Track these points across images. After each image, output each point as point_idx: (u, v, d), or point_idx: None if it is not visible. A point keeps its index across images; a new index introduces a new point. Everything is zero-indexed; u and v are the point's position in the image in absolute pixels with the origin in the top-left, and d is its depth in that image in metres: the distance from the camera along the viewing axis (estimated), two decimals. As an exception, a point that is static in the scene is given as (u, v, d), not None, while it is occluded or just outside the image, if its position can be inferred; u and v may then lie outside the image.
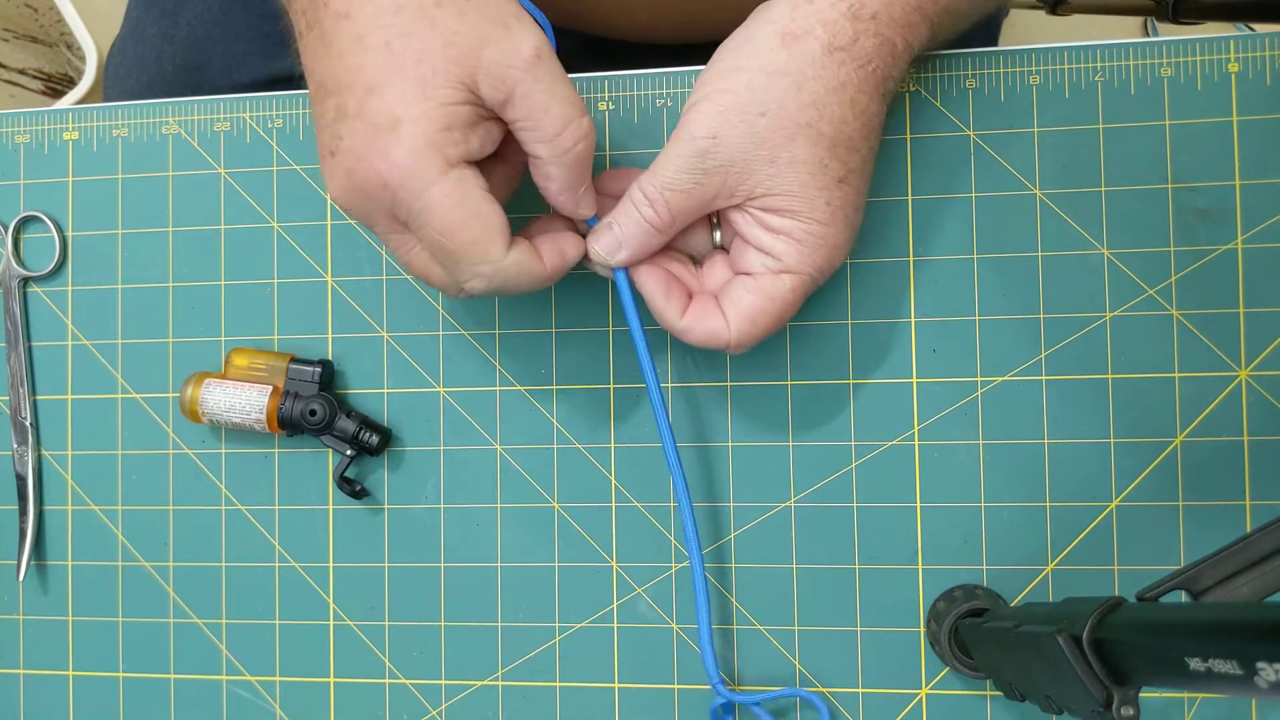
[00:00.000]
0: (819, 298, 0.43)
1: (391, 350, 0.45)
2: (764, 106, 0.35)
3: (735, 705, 0.42)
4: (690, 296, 0.39)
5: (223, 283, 0.47)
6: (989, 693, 0.42)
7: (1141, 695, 0.30)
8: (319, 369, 0.44)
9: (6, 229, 0.47)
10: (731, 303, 0.37)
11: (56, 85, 1.20)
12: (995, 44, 0.61)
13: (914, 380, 0.43)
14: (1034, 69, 0.42)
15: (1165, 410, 0.41)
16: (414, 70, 0.33)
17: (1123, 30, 1.16)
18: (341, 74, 0.33)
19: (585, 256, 0.39)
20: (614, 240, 0.38)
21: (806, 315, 0.43)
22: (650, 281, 0.38)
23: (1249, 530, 0.35)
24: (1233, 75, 0.41)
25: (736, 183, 0.36)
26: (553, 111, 0.34)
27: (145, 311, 0.47)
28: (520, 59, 0.33)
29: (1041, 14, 0.58)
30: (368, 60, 0.33)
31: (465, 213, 0.34)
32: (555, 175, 0.36)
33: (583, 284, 0.44)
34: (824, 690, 0.43)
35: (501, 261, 0.35)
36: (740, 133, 0.35)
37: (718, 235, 0.40)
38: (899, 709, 0.42)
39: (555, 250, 0.37)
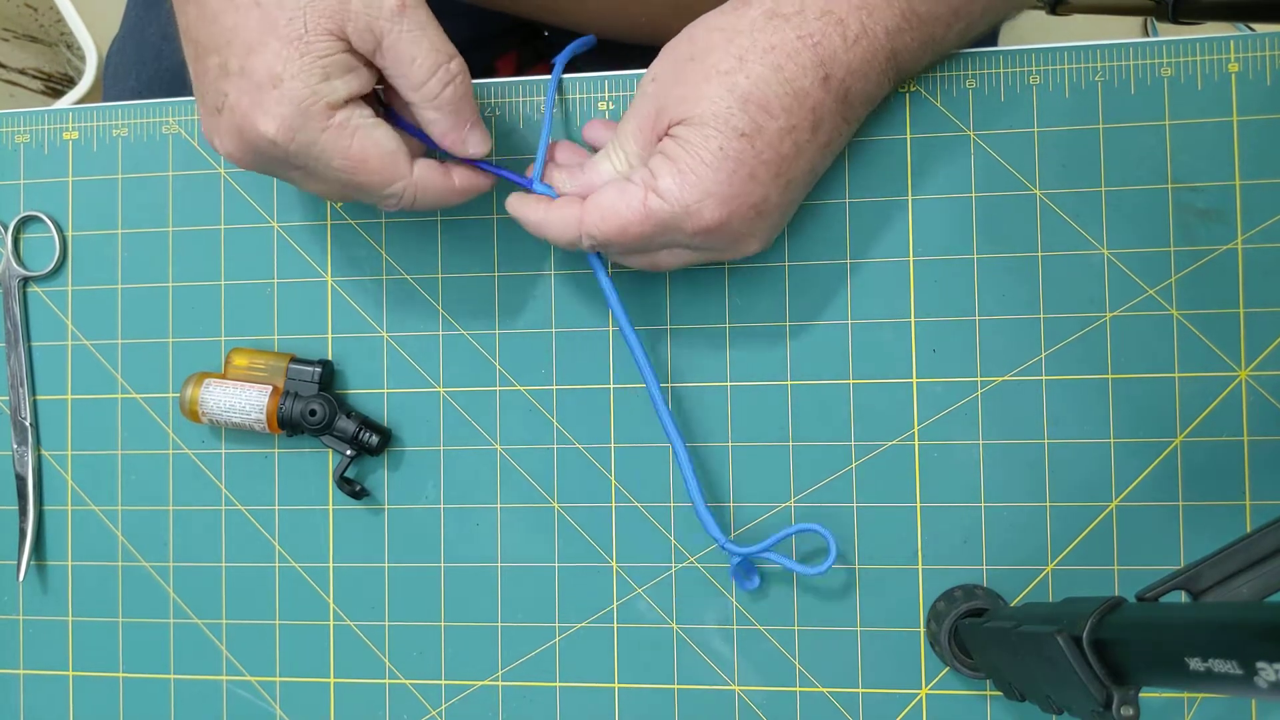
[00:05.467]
0: (819, 297, 0.43)
1: (391, 350, 0.45)
2: (694, 53, 0.37)
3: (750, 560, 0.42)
4: None
5: (223, 283, 0.46)
6: (989, 693, 0.42)
7: (1141, 695, 0.30)
8: (319, 369, 0.44)
9: (6, 229, 0.47)
10: (595, 195, 0.38)
11: (56, 85, 1.20)
12: (995, 44, 0.61)
13: (914, 380, 0.43)
14: (1034, 69, 0.42)
15: (1165, 410, 0.41)
16: (286, 28, 0.34)
17: (1123, 30, 1.16)
18: (219, 34, 0.35)
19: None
20: (580, 182, 0.39)
21: (807, 315, 0.43)
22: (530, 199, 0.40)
23: (1249, 530, 0.35)
24: (1233, 75, 0.41)
25: (664, 121, 0.37)
26: (419, 60, 0.36)
27: (145, 311, 0.47)
28: (386, 9, 0.35)
29: (1041, 14, 0.58)
30: (241, 20, 0.34)
31: (362, 147, 0.36)
32: (433, 119, 0.37)
33: (583, 284, 0.44)
34: (825, 690, 0.43)
35: (409, 178, 0.37)
36: (670, 74, 0.37)
37: None
38: (899, 709, 0.42)
39: (465, 170, 0.40)
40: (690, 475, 0.40)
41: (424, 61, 0.36)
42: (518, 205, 0.40)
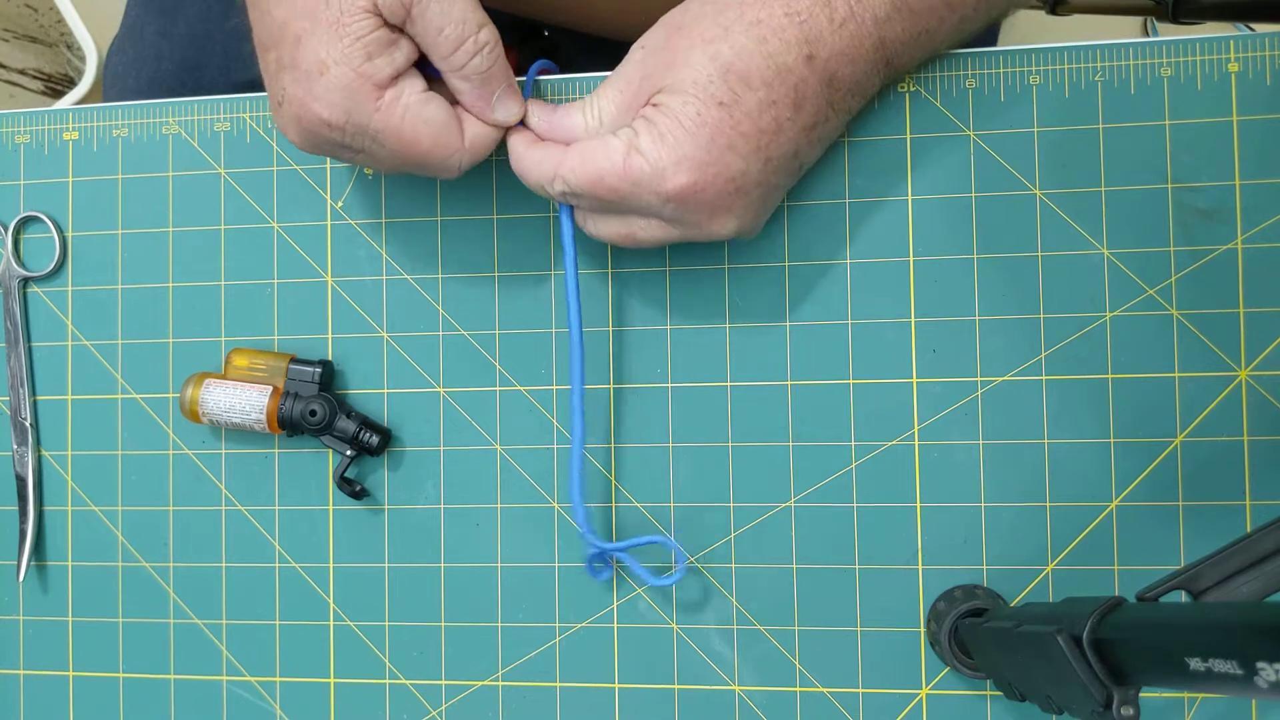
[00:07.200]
0: (819, 297, 0.43)
1: (391, 350, 0.45)
2: (683, 23, 0.37)
3: (609, 555, 0.43)
4: None
5: (223, 283, 0.46)
6: (989, 693, 0.42)
7: (1141, 695, 0.30)
8: (319, 369, 0.44)
9: (6, 229, 0.47)
10: (579, 143, 0.38)
11: (56, 85, 1.20)
12: (995, 44, 0.61)
13: (914, 380, 0.43)
14: (1034, 69, 0.42)
15: (1165, 410, 0.41)
16: (325, 13, 0.35)
17: (1123, 30, 1.16)
18: (273, 29, 0.36)
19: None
20: (549, 120, 0.39)
21: (807, 315, 0.43)
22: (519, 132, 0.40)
23: (1249, 530, 0.35)
24: (1233, 75, 0.41)
25: (648, 88, 0.37)
26: (446, 31, 0.36)
27: (145, 311, 0.47)
28: None
29: (1041, 14, 0.58)
30: (288, 13, 0.36)
31: (414, 126, 0.37)
32: (461, 88, 0.38)
33: (583, 284, 0.44)
34: (825, 690, 0.43)
35: (463, 146, 0.38)
36: (659, 41, 0.38)
37: None
38: (899, 709, 0.42)
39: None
40: (578, 442, 0.41)
41: (451, 32, 0.36)
42: (511, 132, 0.40)
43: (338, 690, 0.45)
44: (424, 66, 0.38)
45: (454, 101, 0.39)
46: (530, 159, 0.39)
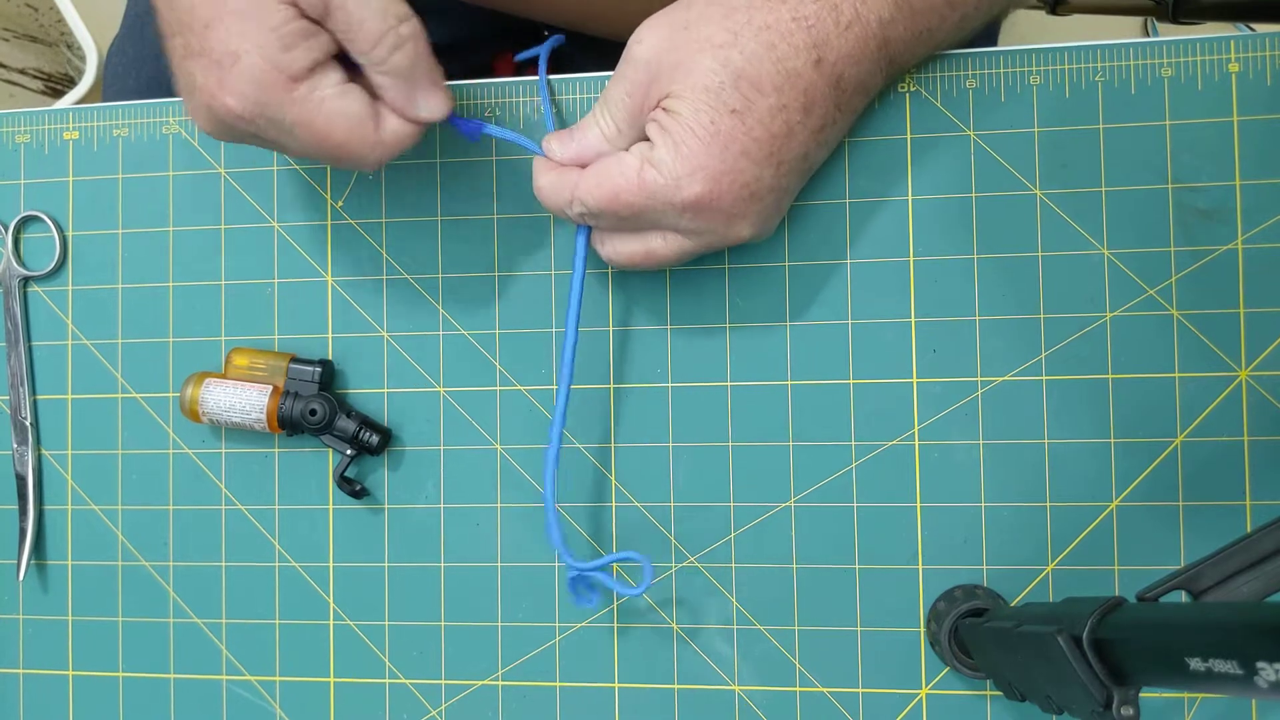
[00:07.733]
0: (819, 297, 0.43)
1: (391, 350, 0.45)
2: (689, 22, 0.37)
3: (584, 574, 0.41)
4: None
5: (223, 283, 0.46)
6: (989, 693, 0.42)
7: (1141, 695, 0.30)
8: (319, 369, 0.44)
9: (7, 229, 0.47)
10: (594, 164, 0.38)
11: (56, 85, 1.20)
12: (995, 44, 0.61)
13: (914, 380, 0.43)
14: (1034, 69, 0.42)
15: (1165, 410, 0.41)
16: (236, 2, 0.34)
17: (1123, 30, 1.16)
18: (179, 15, 0.35)
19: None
20: (572, 148, 0.39)
21: (807, 315, 0.43)
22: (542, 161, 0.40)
23: (1249, 530, 0.35)
24: (1233, 75, 0.41)
25: (657, 92, 0.37)
26: (366, 25, 0.35)
27: (145, 311, 0.47)
28: None
29: (1041, 14, 0.58)
30: None
31: (328, 119, 0.35)
32: (383, 84, 0.36)
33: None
34: (825, 690, 0.43)
35: (379, 140, 0.37)
36: (662, 39, 0.37)
37: None
38: (899, 709, 0.42)
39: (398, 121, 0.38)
40: (551, 468, 0.40)
41: (372, 25, 0.34)
42: (535, 165, 0.40)
43: (338, 690, 0.45)
44: (347, 56, 0.37)
45: (375, 93, 0.37)
46: (548, 184, 0.39)
